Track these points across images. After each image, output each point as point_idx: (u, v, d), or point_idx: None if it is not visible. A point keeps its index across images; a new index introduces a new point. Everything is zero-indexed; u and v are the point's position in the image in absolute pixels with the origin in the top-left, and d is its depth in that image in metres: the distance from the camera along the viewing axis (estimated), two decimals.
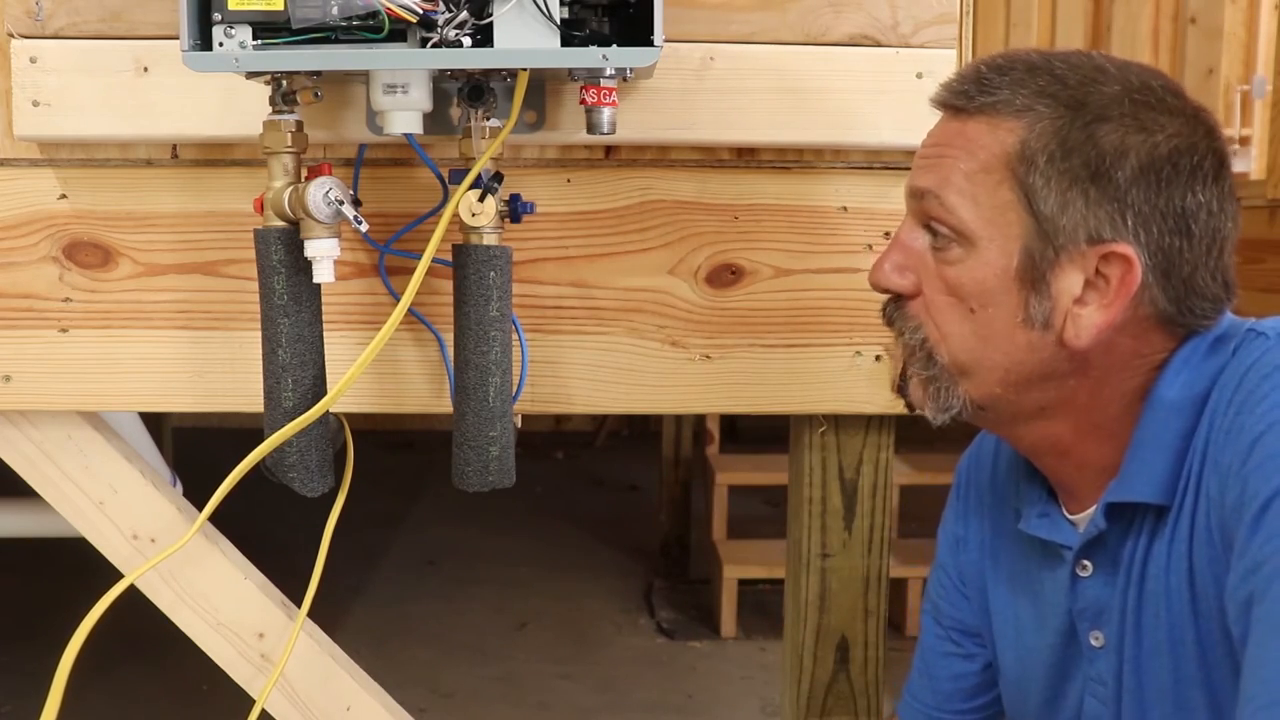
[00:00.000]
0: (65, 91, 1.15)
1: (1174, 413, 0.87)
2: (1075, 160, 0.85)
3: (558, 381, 1.23)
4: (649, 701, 3.03)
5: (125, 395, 1.23)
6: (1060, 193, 0.86)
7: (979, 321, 0.89)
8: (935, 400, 0.93)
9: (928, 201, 0.90)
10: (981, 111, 0.89)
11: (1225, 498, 0.81)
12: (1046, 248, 0.86)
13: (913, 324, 0.93)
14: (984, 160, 0.88)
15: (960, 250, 0.89)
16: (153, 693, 2.96)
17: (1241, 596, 0.77)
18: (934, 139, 0.93)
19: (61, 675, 1.16)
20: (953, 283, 0.90)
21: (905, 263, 0.93)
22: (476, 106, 1.07)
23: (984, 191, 0.88)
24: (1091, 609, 0.94)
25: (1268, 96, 3.38)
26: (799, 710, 1.34)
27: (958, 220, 0.88)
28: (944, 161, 0.90)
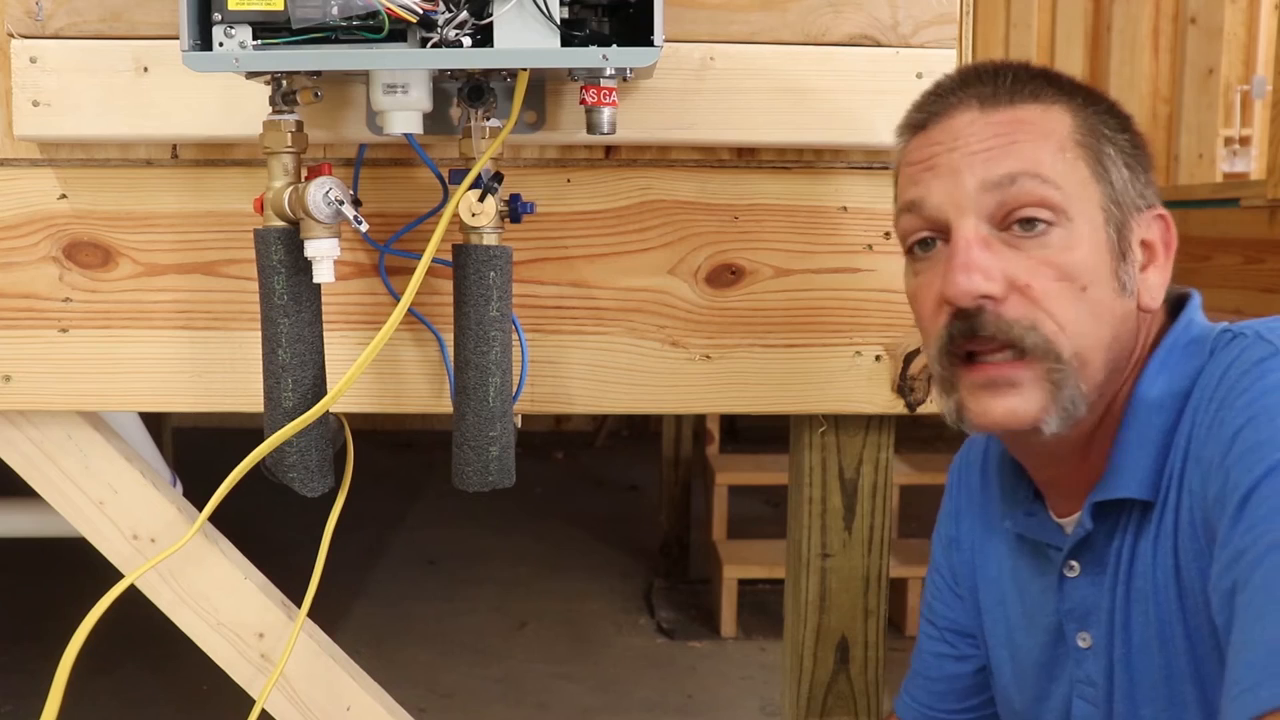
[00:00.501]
0: (65, 91, 1.15)
1: (1156, 410, 0.88)
2: (1126, 136, 0.90)
3: (558, 381, 1.23)
4: (649, 701, 3.03)
5: (125, 395, 1.23)
6: (1124, 163, 0.89)
7: (1091, 300, 0.86)
8: (1059, 403, 0.86)
9: (1021, 186, 0.86)
10: (1025, 99, 0.89)
11: (1208, 491, 0.82)
12: (1122, 215, 0.89)
13: (1026, 323, 0.86)
14: (1059, 138, 0.88)
15: (1061, 231, 0.86)
16: (153, 693, 2.96)
17: (1225, 586, 0.77)
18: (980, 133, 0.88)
19: (61, 675, 1.16)
20: (1064, 265, 0.86)
21: (992, 263, 0.86)
22: (476, 106, 1.07)
23: (1068, 167, 0.87)
24: (1079, 609, 0.95)
25: (1268, 96, 3.38)
26: (799, 710, 1.34)
27: (1061, 196, 0.86)
28: (1020, 145, 0.87)
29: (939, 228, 0.89)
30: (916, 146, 0.92)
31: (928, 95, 0.94)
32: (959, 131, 0.89)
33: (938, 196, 0.89)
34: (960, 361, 0.88)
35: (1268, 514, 0.75)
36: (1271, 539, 0.73)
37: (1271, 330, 0.84)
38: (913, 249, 0.93)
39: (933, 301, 0.90)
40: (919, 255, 0.92)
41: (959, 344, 0.88)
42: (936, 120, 0.91)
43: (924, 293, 0.91)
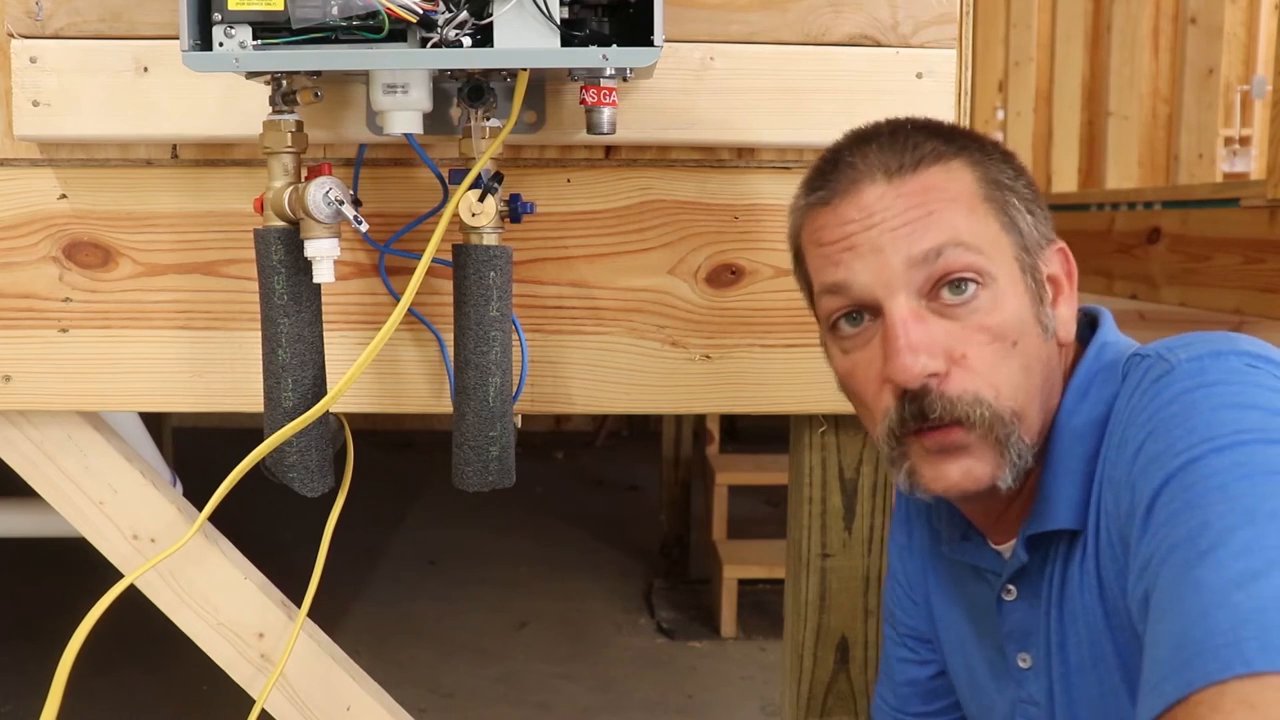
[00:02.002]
0: (65, 91, 1.15)
1: (1078, 440, 0.90)
2: (1022, 179, 0.92)
3: (558, 381, 1.23)
4: (649, 701, 3.03)
5: (125, 395, 1.23)
6: (1024, 206, 0.91)
7: (1020, 353, 0.88)
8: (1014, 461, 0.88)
9: (947, 257, 0.86)
10: (926, 162, 0.88)
11: (1119, 508, 0.83)
12: (1032, 260, 0.90)
13: (969, 397, 0.86)
14: (967, 200, 0.88)
15: (987, 292, 0.87)
16: (153, 693, 2.96)
17: (1139, 595, 0.78)
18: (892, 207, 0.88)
19: (61, 675, 1.16)
20: (994, 326, 0.87)
21: (931, 338, 0.86)
22: (476, 106, 1.07)
23: (982, 227, 0.88)
24: (1018, 631, 0.96)
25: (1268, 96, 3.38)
26: (799, 710, 1.34)
27: (985, 260, 0.87)
28: (936, 215, 0.87)
29: (866, 305, 0.89)
30: (826, 225, 0.90)
31: (826, 166, 0.92)
32: (871, 207, 0.88)
33: (864, 277, 0.88)
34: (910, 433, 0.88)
35: (1168, 518, 0.76)
36: (1171, 541, 0.74)
37: (1170, 349, 0.86)
38: (837, 324, 0.91)
39: (874, 381, 0.89)
40: (845, 332, 0.91)
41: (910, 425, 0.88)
42: (843, 196, 0.89)
43: (861, 372, 0.90)
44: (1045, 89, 4.42)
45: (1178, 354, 0.84)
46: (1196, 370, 0.82)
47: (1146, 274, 2.90)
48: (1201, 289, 2.68)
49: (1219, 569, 0.70)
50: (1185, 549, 0.73)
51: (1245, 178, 3.90)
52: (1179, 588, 0.72)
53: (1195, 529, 0.73)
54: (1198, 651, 0.68)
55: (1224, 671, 0.66)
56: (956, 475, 0.88)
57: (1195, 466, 0.76)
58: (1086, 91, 4.35)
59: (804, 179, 0.95)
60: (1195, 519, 0.74)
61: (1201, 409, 0.79)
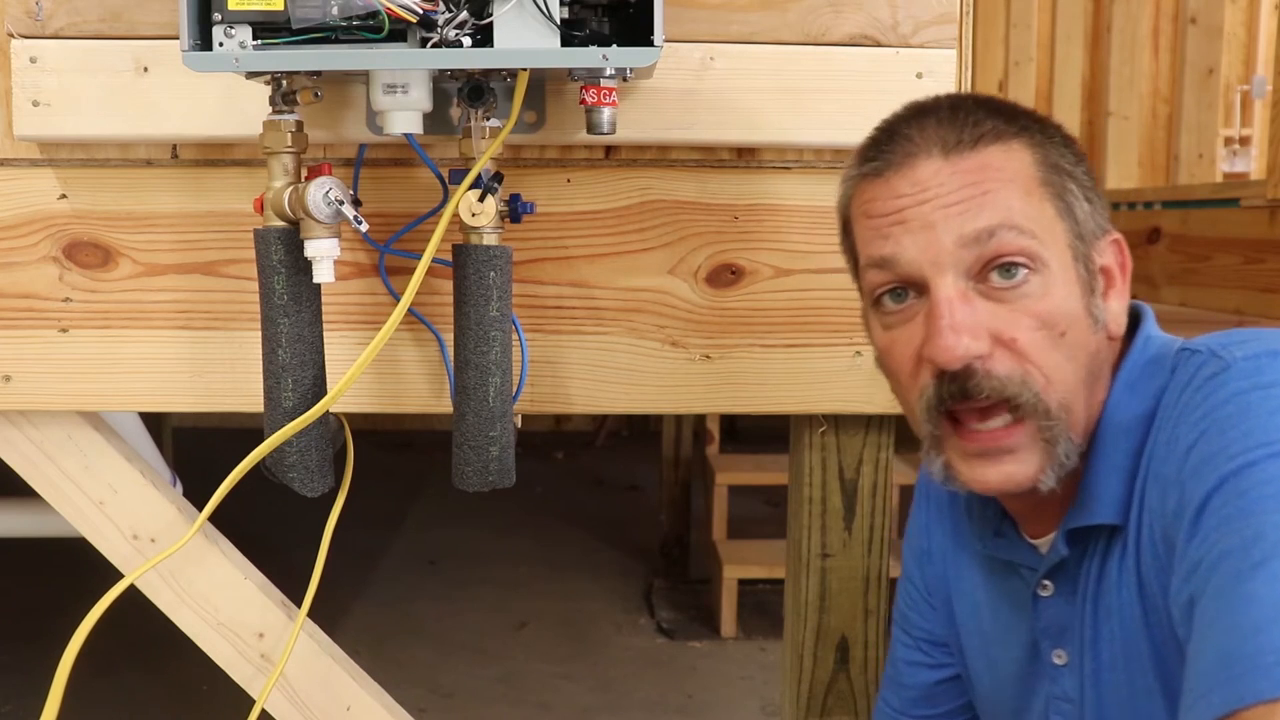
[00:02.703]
0: (65, 91, 1.15)
1: (1124, 435, 0.88)
2: (1082, 166, 0.89)
3: (558, 381, 1.23)
4: (649, 701, 3.03)
5: (125, 395, 1.23)
6: (1085, 193, 0.88)
7: (1069, 342, 0.85)
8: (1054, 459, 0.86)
9: (1000, 239, 0.84)
10: (987, 140, 0.86)
11: (1166, 507, 0.82)
12: (1086, 249, 0.88)
13: (1016, 379, 0.84)
14: (1024, 182, 0.85)
15: (1039, 278, 0.84)
16: (153, 693, 2.96)
17: (1184, 599, 0.77)
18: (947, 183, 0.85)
19: (61, 675, 1.16)
20: (1043, 313, 0.84)
21: (976, 320, 0.84)
22: (476, 106, 1.07)
23: (1037, 211, 0.85)
24: (1054, 627, 0.95)
25: (1268, 96, 3.38)
26: (799, 710, 1.34)
27: (1038, 245, 0.84)
28: (992, 195, 0.84)
29: (913, 282, 0.87)
30: (877, 197, 0.88)
31: (882, 137, 0.90)
32: (925, 182, 0.86)
33: (912, 253, 0.86)
34: (948, 421, 0.87)
35: (1219, 524, 0.75)
36: (1223, 548, 0.74)
37: (1224, 346, 0.84)
38: (880, 299, 0.89)
39: (911, 359, 0.88)
40: (888, 307, 0.89)
41: (949, 405, 0.86)
42: (896, 169, 0.87)
43: (900, 349, 0.89)
44: (1045, 89, 4.42)
45: (1232, 351, 0.82)
46: (1253, 370, 0.80)
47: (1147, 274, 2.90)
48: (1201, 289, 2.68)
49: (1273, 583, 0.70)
50: (1237, 558, 0.72)
51: (1245, 178, 3.90)
52: (1229, 598, 0.71)
53: (1249, 538, 0.72)
54: (1249, 668, 0.68)
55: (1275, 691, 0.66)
56: (996, 479, 0.87)
57: (1250, 471, 0.75)
58: (1086, 91, 4.35)
59: (858, 149, 0.92)
60: (1249, 528, 0.73)
61: (1258, 411, 0.77)
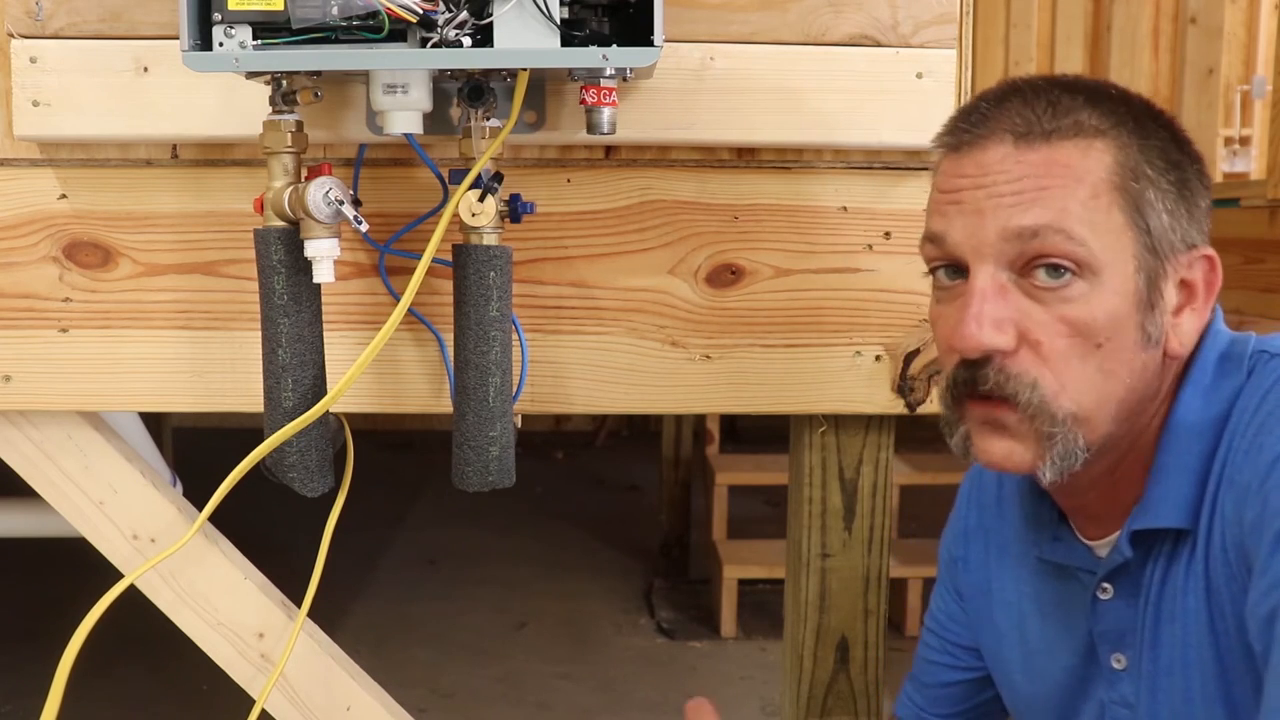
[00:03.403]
0: (65, 91, 1.15)
1: (1194, 436, 0.86)
2: (1173, 175, 0.85)
3: (558, 381, 1.23)
4: (649, 701, 3.03)
5: (125, 395, 1.23)
6: (1165, 205, 0.85)
7: (1105, 355, 0.83)
8: (1055, 458, 0.85)
9: (1044, 239, 0.82)
10: (1065, 135, 0.84)
11: (1244, 516, 0.81)
12: (1157, 263, 0.84)
13: (1027, 381, 0.84)
14: (1092, 184, 0.83)
15: (1084, 284, 0.83)
16: (153, 693, 2.96)
17: (1263, 613, 0.77)
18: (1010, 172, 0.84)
19: (61, 675, 1.16)
20: (1080, 322, 0.83)
21: (1004, 315, 0.84)
22: (476, 106, 1.07)
23: (1100, 216, 0.83)
24: (1113, 631, 0.93)
25: (1268, 96, 3.38)
26: (799, 710, 1.34)
27: (1086, 252, 0.82)
28: (1049, 193, 0.83)
29: (959, 264, 0.87)
30: (948, 172, 0.88)
31: (966, 112, 0.89)
32: (989, 167, 0.85)
33: (958, 235, 0.86)
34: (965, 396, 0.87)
35: None
36: None
37: None
38: (935, 272, 0.90)
39: (945, 339, 0.89)
40: (942, 282, 0.90)
41: (960, 390, 0.87)
42: (969, 147, 0.87)
43: (941, 325, 0.89)
44: None
45: None
46: None
47: None
48: None
49: None
50: None
51: (1245, 178, 3.90)
52: None
53: None
54: None
55: None
56: (999, 454, 0.87)
57: None
58: None
59: (949, 119, 0.91)
60: None
61: None
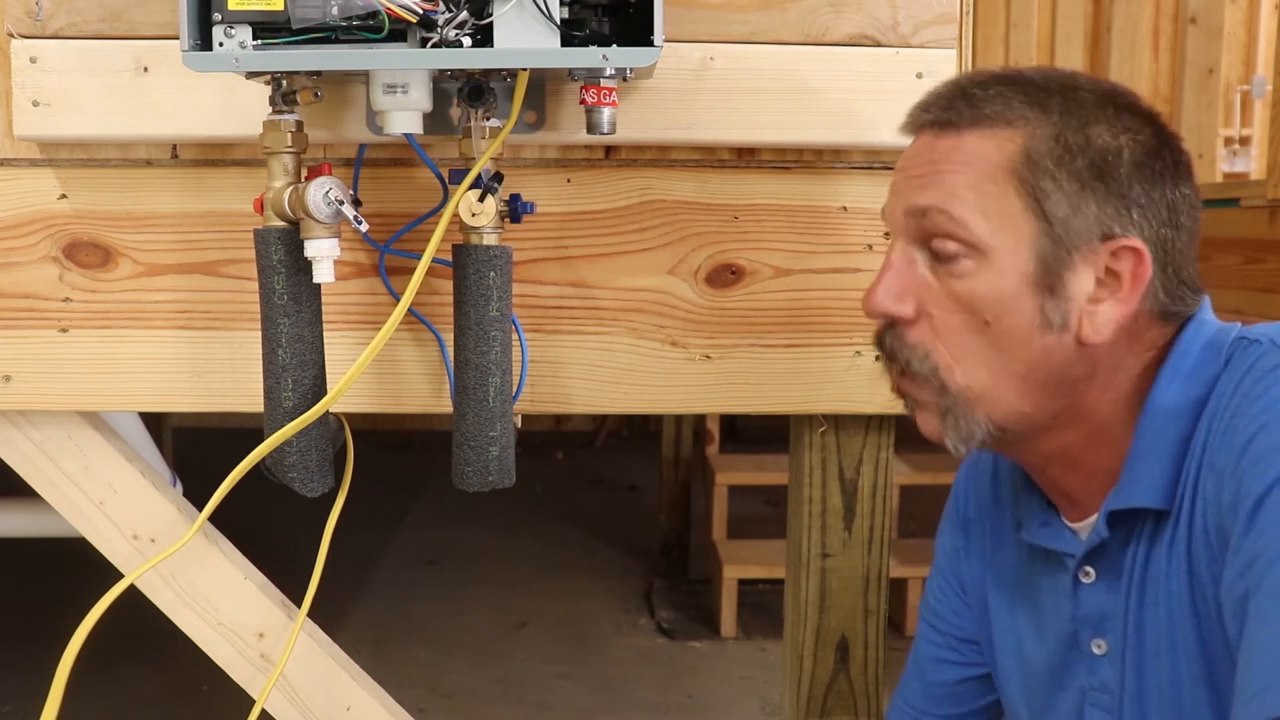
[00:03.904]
0: (65, 91, 1.15)
1: (1171, 419, 0.88)
2: (1080, 161, 0.87)
3: (558, 381, 1.23)
4: (649, 701, 3.03)
5: (125, 395, 1.23)
6: (1071, 194, 0.87)
7: (995, 333, 0.88)
8: (955, 430, 0.90)
9: (931, 218, 0.89)
10: (975, 124, 0.89)
11: (1221, 497, 0.82)
12: (1059, 250, 0.87)
13: (920, 351, 0.90)
14: (987, 170, 0.87)
15: (971, 263, 0.87)
16: (153, 693, 2.96)
17: (1238, 593, 0.78)
18: (923, 157, 0.91)
19: (61, 675, 1.16)
20: (965, 298, 0.88)
21: (904, 287, 0.90)
22: (476, 106, 1.07)
23: (992, 201, 0.87)
24: (1094, 615, 0.95)
25: (1268, 96, 3.38)
26: (799, 710, 1.34)
27: (968, 233, 0.87)
28: (943, 176, 0.88)
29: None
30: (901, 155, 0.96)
31: (917, 103, 0.95)
32: (913, 154, 0.92)
33: (889, 213, 0.94)
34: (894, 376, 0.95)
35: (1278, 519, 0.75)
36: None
37: None
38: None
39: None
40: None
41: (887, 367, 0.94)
42: (911, 136, 0.94)
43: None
44: None
45: None
46: None
47: None
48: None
49: None
50: None
51: (1245, 178, 3.90)
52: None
53: None
54: None
55: None
56: (921, 425, 0.94)
57: None
58: None
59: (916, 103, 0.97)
60: None
61: None
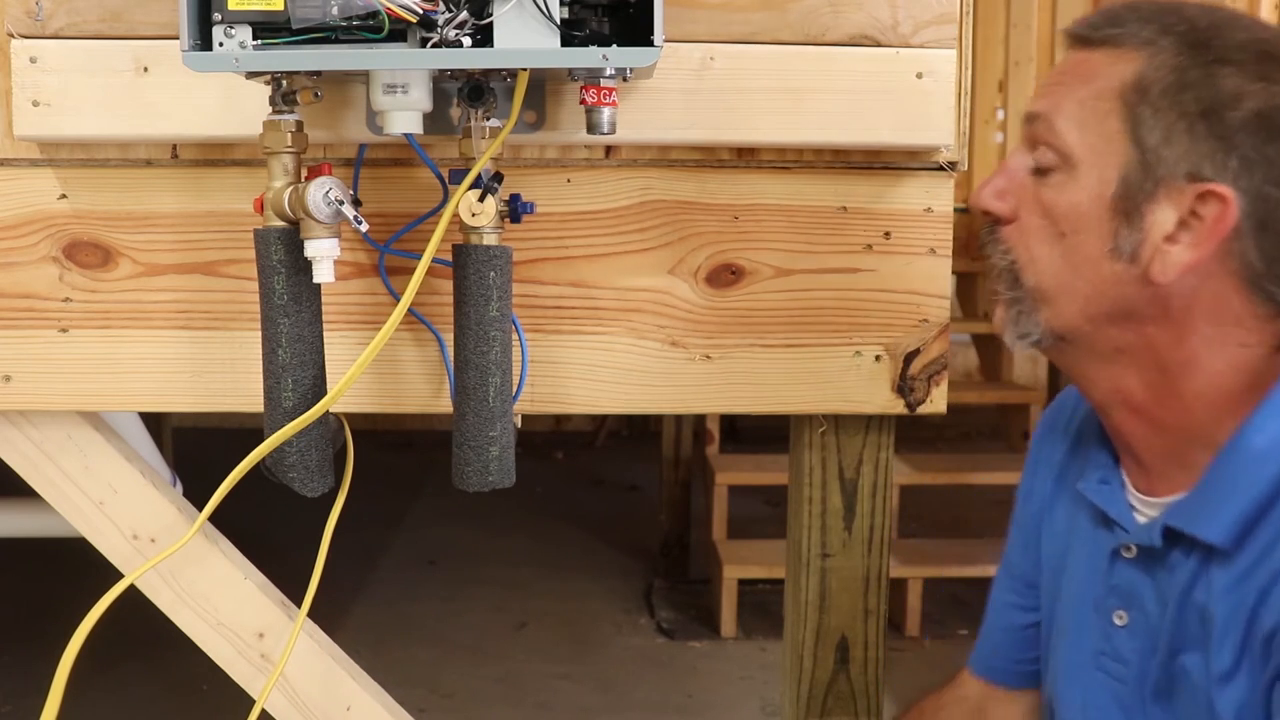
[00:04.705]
0: (65, 91, 1.15)
1: (1259, 460, 0.87)
2: (1188, 96, 0.87)
3: (558, 381, 1.23)
4: (649, 701, 3.03)
5: (125, 395, 1.23)
6: (1166, 126, 0.87)
7: (1068, 246, 0.91)
8: (1015, 324, 0.95)
9: (1038, 125, 0.93)
10: (1106, 42, 0.91)
11: None
12: (1145, 179, 0.88)
13: (1003, 247, 0.95)
14: (1097, 88, 0.90)
15: (1061, 175, 0.91)
16: (153, 692, 2.96)
17: None
18: (1059, 68, 0.95)
19: (61, 675, 1.16)
20: (1048, 205, 0.92)
21: (1006, 187, 0.95)
22: (476, 106, 1.07)
23: (1093, 118, 0.89)
24: (1123, 588, 0.96)
25: None
26: (799, 710, 1.34)
27: (1062, 143, 0.90)
28: (1059, 88, 0.92)
29: None
30: None
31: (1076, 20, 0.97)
32: (1057, 64, 0.97)
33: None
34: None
35: None
36: None
37: None
38: None
39: None
40: None
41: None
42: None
43: None
44: None
45: None
46: None
47: None
48: None
49: None
50: None
51: None
52: None
53: None
54: None
55: None
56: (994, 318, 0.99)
57: None
58: None
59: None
60: None
61: None
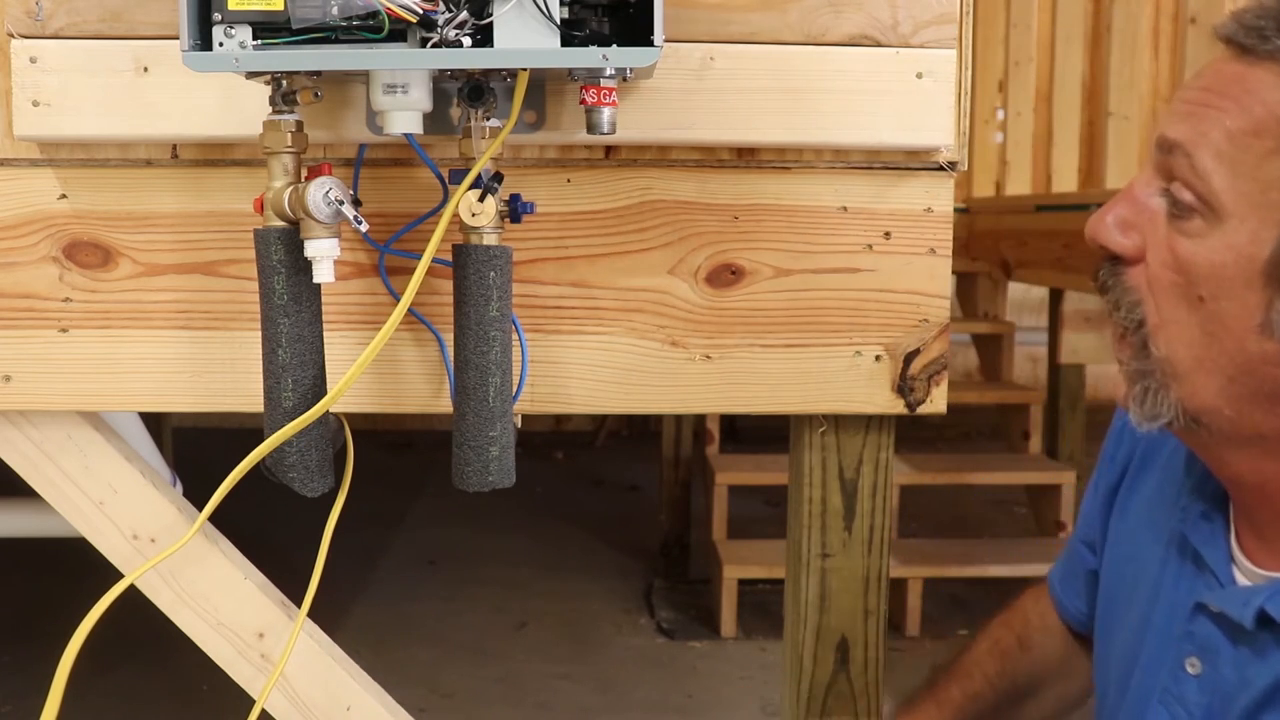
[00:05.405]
0: (65, 91, 1.15)
1: None
2: None
3: (558, 381, 1.23)
4: (649, 701, 3.03)
5: (125, 395, 1.23)
6: None
7: (1206, 314, 0.74)
8: (1142, 403, 0.78)
9: (1175, 158, 0.74)
10: (1273, 57, 0.72)
11: None
12: None
13: (1131, 298, 0.77)
14: (1259, 118, 0.71)
15: (1202, 222, 0.73)
16: (153, 693, 2.96)
17: None
18: (1204, 79, 0.75)
19: (61, 675, 1.16)
20: (1184, 260, 0.74)
21: (1133, 219, 0.77)
22: (476, 106, 1.07)
23: (1250, 158, 0.71)
24: (1201, 640, 0.85)
25: None
26: (799, 710, 1.34)
27: (1206, 187, 0.72)
28: (1207, 112, 0.73)
29: None
30: None
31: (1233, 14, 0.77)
32: (1201, 71, 0.76)
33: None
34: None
35: None
36: None
37: None
38: None
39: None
40: None
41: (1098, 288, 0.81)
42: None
43: None
44: (1045, 89, 4.42)
45: None
46: None
47: None
48: None
49: None
50: None
51: None
52: None
53: None
54: None
55: None
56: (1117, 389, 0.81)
57: None
58: (1086, 92, 4.35)
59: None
60: None
61: None
